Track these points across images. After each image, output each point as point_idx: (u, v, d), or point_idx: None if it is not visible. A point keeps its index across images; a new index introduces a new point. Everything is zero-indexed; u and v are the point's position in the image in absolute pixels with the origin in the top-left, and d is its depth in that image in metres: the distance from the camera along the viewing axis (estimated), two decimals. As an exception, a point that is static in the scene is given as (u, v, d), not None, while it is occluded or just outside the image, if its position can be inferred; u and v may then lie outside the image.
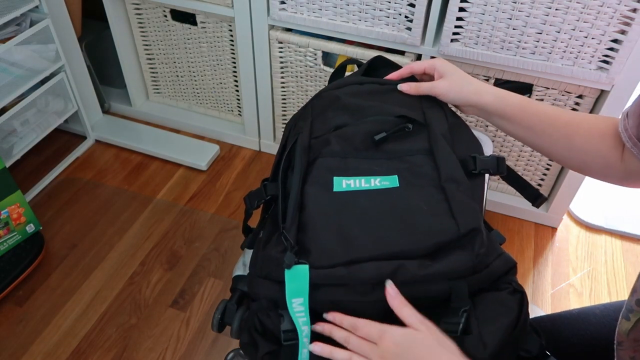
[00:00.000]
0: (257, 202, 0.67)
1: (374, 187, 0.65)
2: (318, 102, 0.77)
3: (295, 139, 0.69)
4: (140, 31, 1.48)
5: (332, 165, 0.67)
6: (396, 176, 0.66)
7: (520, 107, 0.73)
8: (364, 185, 0.65)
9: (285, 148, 0.70)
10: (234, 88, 1.50)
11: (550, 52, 1.04)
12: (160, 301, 1.15)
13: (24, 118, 1.30)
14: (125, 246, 1.27)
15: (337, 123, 0.71)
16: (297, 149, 0.68)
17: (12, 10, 1.18)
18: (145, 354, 1.06)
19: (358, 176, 0.66)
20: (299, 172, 0.65)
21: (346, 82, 0.79)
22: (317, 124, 0.73)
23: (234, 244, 1.28)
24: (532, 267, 1.24)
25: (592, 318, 0.74)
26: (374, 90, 0.76)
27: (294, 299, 0.56)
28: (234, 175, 1.48)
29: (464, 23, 1.06)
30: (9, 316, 1.12)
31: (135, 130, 1.60)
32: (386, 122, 0.70)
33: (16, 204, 1.16)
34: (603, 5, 0.94)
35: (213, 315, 0.66)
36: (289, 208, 0.62)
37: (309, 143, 0.69)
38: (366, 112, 0.72)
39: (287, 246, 0.59)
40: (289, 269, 0.57)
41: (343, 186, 0.65)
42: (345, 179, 0.65)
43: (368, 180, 0.65)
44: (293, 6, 1.18)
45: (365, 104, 0.73)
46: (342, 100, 0.74)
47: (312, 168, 0.67)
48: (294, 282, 0.56)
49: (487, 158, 0.68)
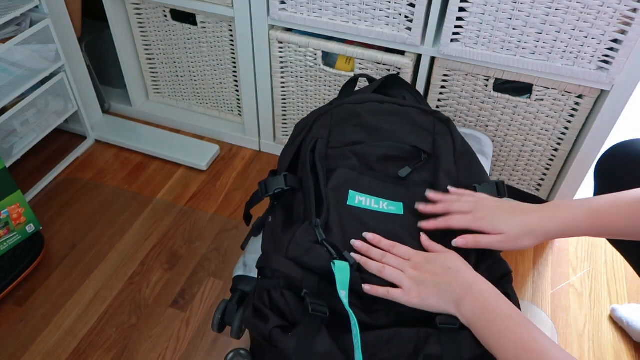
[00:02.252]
0: (275, 190, 0.71)
1: (381, 209, 0.70)
2: (338, 112, 0.81)
3: (315, 142, 0.73)
4: (140, 31, 1.48)
5: (349, 178, 0.72)
6: (402, 204, 0.71)
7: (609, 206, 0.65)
8: (374, 206, 0.71)
9: (301, 145, 0.75)
10: (234, 88, 1.50)
11: (550, 52, 1.04)
12: (160, 301, 1.15)
13: (24, 118, 1.30)
14: (125, 246, 1.27)
15: (354, 139, 0.77)
16: (316, 154, 0.72)
17: (12, 10, 1.18)
18: (145, 354, 1.06)
19: (370, 195, 0.72)
20: (323, 177, 0.70)
21: (367, 99, 0.83)
22: (335, 134, 0.77)
23: (234, 244, 1.28)
24: (532, 267, 1.24)
25: None
26: (392, 110, 0.81)
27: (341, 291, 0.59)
28: (234, 175, 1.48)
29: (464, 23, 1.06)
30: (9, 316, 1.12)
31: (135, 130, 1.60)
32: (400, 149, 0.76)
33: (16, 204, 1.16)
34: (603, 5, 0.94)
35: (213, 315, 0.66)
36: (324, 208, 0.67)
37: (326, 152, 0.74)
38: (383, 135, 0.77)
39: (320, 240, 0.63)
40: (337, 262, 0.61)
41: (355, 202, 0.70)
42: (358, 195, 0.71)
43: (377, 202, 0.71)
44: (293, 6, 1.18)
45: (383, 126, 0.78)
46: (362, 118, 0.79)
47: (333, 175, 0.72)
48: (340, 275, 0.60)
49: (486, 186, 0.72)
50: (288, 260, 0.62)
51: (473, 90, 1.18)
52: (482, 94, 1.18)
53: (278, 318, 0.59)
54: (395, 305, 0.61)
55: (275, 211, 0.72)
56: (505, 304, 0.59)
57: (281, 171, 0.74)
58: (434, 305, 0.60)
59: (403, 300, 0.60)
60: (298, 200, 0.70)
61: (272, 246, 0.67)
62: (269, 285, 0.62)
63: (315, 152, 0.72)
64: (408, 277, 0.61)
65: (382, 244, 0.65)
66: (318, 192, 0.68)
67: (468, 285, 0.60)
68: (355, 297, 0.61)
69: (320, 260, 0.61)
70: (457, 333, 0.58)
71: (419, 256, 0.64)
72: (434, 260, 0.63)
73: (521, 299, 0.68)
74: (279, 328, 0.58)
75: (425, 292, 0.60)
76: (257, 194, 0.74)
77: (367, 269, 0.63)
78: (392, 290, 0.61)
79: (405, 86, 0.90)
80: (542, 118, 1.17)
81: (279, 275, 0.62)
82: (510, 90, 1.16)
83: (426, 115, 0.81)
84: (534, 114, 1.17)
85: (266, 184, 0.72)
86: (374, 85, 0.88)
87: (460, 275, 0.61)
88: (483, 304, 0.58)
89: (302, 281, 0.61)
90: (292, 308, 0.60)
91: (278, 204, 0.73)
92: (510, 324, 0.56)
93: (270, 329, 0.58)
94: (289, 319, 0.60)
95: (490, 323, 0.57)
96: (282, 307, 0.60)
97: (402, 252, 0.65)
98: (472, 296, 0.59)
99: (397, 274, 0.62)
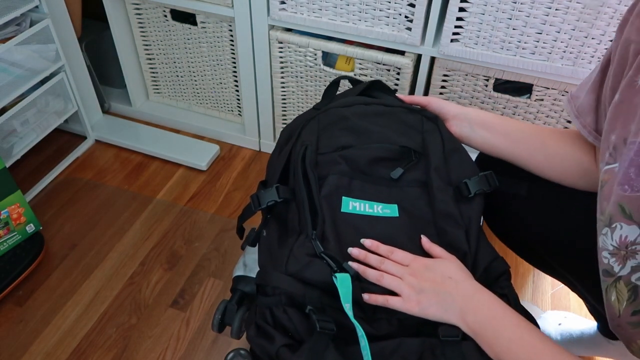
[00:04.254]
0: (268, 203, 0.69)
1: (376, 213, 0.69)
2: (325, 117, 0.79)
3: (305, 149, 0.72)
4: (140, 31, 1.48)
5: (340, 184, 0.71)
6: (396, 205, 0.70)
7: (499, 117, 0.79)
8: (368, 210, 0.69)
9: (290, 154, 0.73)
10: (234, 88, 1.50)
11: (550, 52, 1.04)
12: (160, 301, 1.15)
13: (24, 118, 1.30)
14: (125, 246, 1.27)
15: (343, 143, 0.75)
16: (306, 162, 0.70)
17: (12, 10, 1.18)
18: (145, 354, 1.06)
19: (363, 200, 0.70)
20: (315, 186, 0.69)
21: (353, 102, 0.82)
22: (324, 139, 0.76)
23: (234, 244, 1.28)
24: (532, 267, 1.24)
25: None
26: (379, 111, 0.80)
27: (346, 304, 0.58)
28: (234, 175, 1.48)
29: (464, 23, 1.06)
30: (9, 316, 1.12)
31: (135, 130, 1.60)
32: (390, 150, 0.75)
33: (16, 204, 1.16)
34: (603, 5, 0.94)
35: (213, 315, 0.66)
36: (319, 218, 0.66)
37: (316, 159, 0.73)
38: (371, 137, 0.76)
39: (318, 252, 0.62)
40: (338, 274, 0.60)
41: (350, 208, 0.69)
42: (352, 201, 0.70)
43: (372, 206, 0.70)
44: (293, 6, 1.18)
45: (371, 128, 0.77)
46: (349, 121, 0.78)
47: (324, 183, 0.70)
48: (343, 287, 0.59)
49: (477, 179, 0.72)
50: (288, 276, 0.61)
51: (473, 90, 1.18)
52: (482, 94, 1.18)
53: (283, 337, 0.58)
54: (396, 313, 0.60)
55: (269, 224, 0.71)
56: (511, 312, 0.58)
57: (271, 182, 0.72)
58: (434, 314, 0.59)
59: (402, 308, 0.59)
60: (292, 211, 0.68)
61: (270, 262, 0.66)
62: (271, 303, 0.61)
63: (306, 160, 0.70)
64: (407, 285, 0.60)
65: (380, 250, 0.64)
66: (311, 201, 0.67)
67: (469, 295, 0.60)
68: (357, 307, 0.60)
69: (321, 274, 0.60)
70: (460, 345, 0.57)
71: (417, 262, 0.63)
72: (434, 267, 0.62)
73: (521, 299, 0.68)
74: (286, 347, 0.57)
75: (425, 301, 0.59)
76: (249, 207, 0.72)
77: (366, 277, 0.62)
78: (391, 298, 0.60)
79: (389, 92, 0.89)
80: (542, 118, 1.17)
81: (279, 292, 0.61)
82: (510, 90, 1.16)
83: (413, 114, 0.80)
84: (534, 114, 1.17)
85: (258, 197, 0.70)
86: (359, 89, 0.87)
87: (461, 286, 0.60)
88: (488, 313, 0.58)
89: (305, 297, 0.60)
90: (296, 325, 0.59)
91: (272, 217, 0.72)
92: (520, 332, 0.56)
93: (277, 349, 0.57)
94: (294, 337, 0.59)
95: (499, 332, 0.56)
96: (286, 325, 0.59)
97: (401, 258, 0.64)
98: (475, 305, 0.59)
99: (396, 282, 0.61)
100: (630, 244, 0.55)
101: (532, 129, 0.77)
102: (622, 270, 0.57)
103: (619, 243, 0.56)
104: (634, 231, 0.54)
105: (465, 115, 0.79)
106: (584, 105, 0.68)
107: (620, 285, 0.58)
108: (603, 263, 0.59)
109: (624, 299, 0.57)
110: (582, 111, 0.68)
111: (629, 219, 0.54)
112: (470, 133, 0.78)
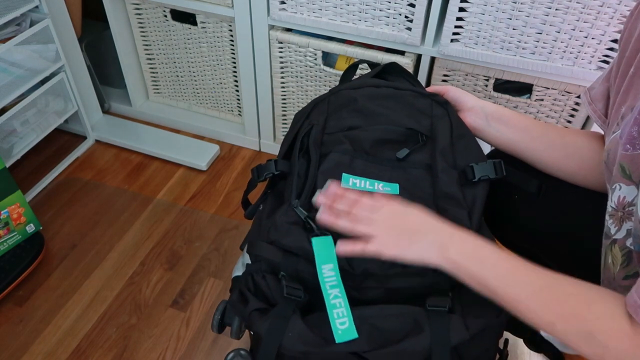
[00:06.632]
0: (265, 175, 0.72)
1: (376, 190, 0.69)
2: (335, 99, 0.80)
3: (310, 128, 0.73)
4: (140, 31, 1.48)
5: (342, 161, 0.71)
6: (397, 184, 0.70)
7: (515, 112, 0.78)
8: (368, 187, 0.69)
9: (298, 132, 0.75)
10: (234, 88, 1.50)
11: (550, 52, 1.04)
12: (160, 301, 1.15)
13: (24, 118, 1.30)
14: (125, 246, 1.27)
15: (350, 124, 0.76)
16: (310, 140, 0.72)
17: (12, 10, 1.18)
18: (145, 354, 1.06)
19: (364, 178, 0.70)
20: (316, 160, 0.70)
21: (363, 84, 0.82)
22: (332, 120, 0.77)
23: (234, 244, 1.28)
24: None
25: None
26: (389, 94, 0.80)
27: (324, 265, 0.59)
28: (234, 176, 1.48)
29: (464, 23, 1.06)
30: (9, 316, 1.12)
31: (135, 130, 1.60)
32: (396, 132, 0.75)
33: (16, 204, 1.16)
34: (603, 5, 0.94)
35: (213, 315, 0.66)
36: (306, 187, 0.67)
37: (321, 137, 0.74)
38: (379, 119, 0.76)
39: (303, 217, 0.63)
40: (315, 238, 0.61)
41: (349, 184, 0.68)
42: (352, 178, 0.69)
43: (372, 184, 0.69)
44: (293, 6, 1.18)
45: (379, 111, 0.77)
46: (358, 103, 0.78)
47: (325, 159, 0.71)
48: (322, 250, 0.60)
49: (484, 165, 0.70)
50: (269, 244, 0.64)
51: (473, 90, 1.18)
52: (482, 94, 1.18)
53: (258, 301, 0.61)
54: (385, 282, 0.61)
55: (267, 199, 0.74)
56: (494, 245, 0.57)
57: (282, 157, 0.75)
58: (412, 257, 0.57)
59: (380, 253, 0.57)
60: (288, 185, 0.71)
61: (257, 232, 0.69)
62: (253, 270, 0.64)
63: (310, 137, 0.72)
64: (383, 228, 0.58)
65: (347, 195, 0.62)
66: (308, 175, 0.69)
67: (450, 233, 0.58)
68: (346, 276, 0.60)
69: (298, 240, 0.62)
70: (447, 316, 0.57)
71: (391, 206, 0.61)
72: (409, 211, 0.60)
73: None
74: (258, 311, 0.59)
75: (404, 243, 0.58)
76: (252, 180, 0.75)
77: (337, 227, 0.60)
78: (367, 245, 0.57)
79: (405, 74, 0.88)
80: (542, 118, 1.17)
81: (260, 259, 0.64)
82: (510, 90, 1.16)
83: (424, 98, 0.79)
84: (534, 114, 1.17)
85: (258, 170, 0.74)
86: (374, 72, 0.87)
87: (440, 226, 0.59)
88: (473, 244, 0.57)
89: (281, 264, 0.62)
90: (272, 291, 0.61)
91: (271, 192, 0.74)
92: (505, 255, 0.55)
93: (249, 312, 0.59)
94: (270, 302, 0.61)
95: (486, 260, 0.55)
96: (264, 291, 0.62)
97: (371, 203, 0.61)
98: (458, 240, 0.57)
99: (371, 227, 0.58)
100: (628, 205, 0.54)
101: (549, 125, 0.76)
102: (618, 233, 0.56)
103: (617, 204, 0.56)
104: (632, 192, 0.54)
105: (482, 108, 0.77)
106: (597, 93, 0.68)
107: (615, 250, 0.57)
108: (605, 225, 0.59)
109: (618, 262, 0.57)
110: (595, 99, 0.69)
111: (629, 179, 0.54)
112: (485, 126, 0.77)
